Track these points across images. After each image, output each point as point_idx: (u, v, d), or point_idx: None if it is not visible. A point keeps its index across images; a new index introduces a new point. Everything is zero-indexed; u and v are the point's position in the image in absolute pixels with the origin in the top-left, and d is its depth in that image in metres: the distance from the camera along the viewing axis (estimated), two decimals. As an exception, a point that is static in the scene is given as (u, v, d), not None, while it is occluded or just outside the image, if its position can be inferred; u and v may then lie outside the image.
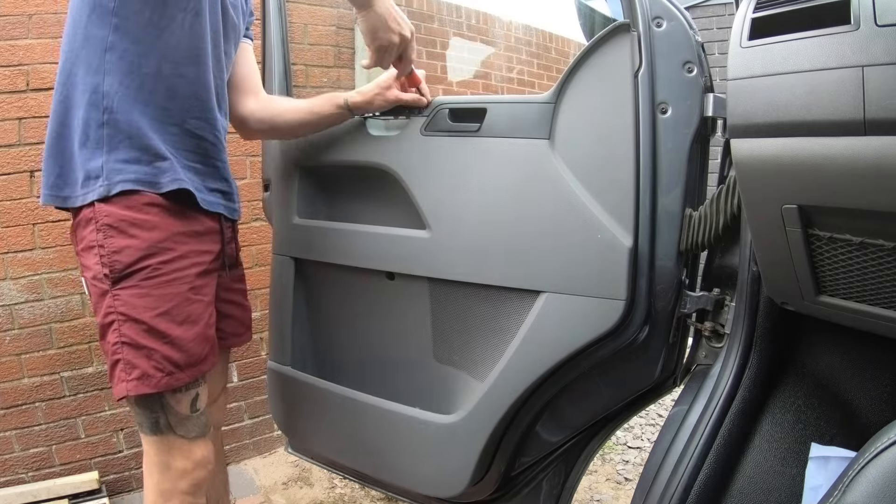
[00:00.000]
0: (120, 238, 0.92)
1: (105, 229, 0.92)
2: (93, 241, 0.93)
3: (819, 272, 0.76)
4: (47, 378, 1.69)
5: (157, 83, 0.94)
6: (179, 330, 0.95)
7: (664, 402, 2.09)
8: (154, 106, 0.95)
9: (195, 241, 1.01)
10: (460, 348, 1.16)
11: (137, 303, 0.93)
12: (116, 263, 0.92)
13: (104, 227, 0.92)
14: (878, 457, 0.53)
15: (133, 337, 0.93)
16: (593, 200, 0.97)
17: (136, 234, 0.93)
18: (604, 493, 1.85)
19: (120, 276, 0.92)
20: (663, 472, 0.93)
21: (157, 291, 0.93)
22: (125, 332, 0.93)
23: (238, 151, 1.88)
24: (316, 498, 1.86)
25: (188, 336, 0.96)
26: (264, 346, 2.02)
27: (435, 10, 3.08)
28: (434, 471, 1.17)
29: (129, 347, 0.93)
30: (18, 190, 1.61)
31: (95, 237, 0.93)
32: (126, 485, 1.84)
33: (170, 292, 0.95)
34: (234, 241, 1.16)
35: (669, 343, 1.02)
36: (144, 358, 0.93)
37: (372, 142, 1.19)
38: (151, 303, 0.93)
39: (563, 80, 1.00)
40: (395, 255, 1.18)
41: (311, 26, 2.04)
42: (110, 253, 0.92)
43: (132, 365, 0.93)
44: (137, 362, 0.93)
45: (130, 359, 0.93)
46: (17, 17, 1.55)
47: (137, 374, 0.93)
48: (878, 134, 0.61)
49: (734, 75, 0.73)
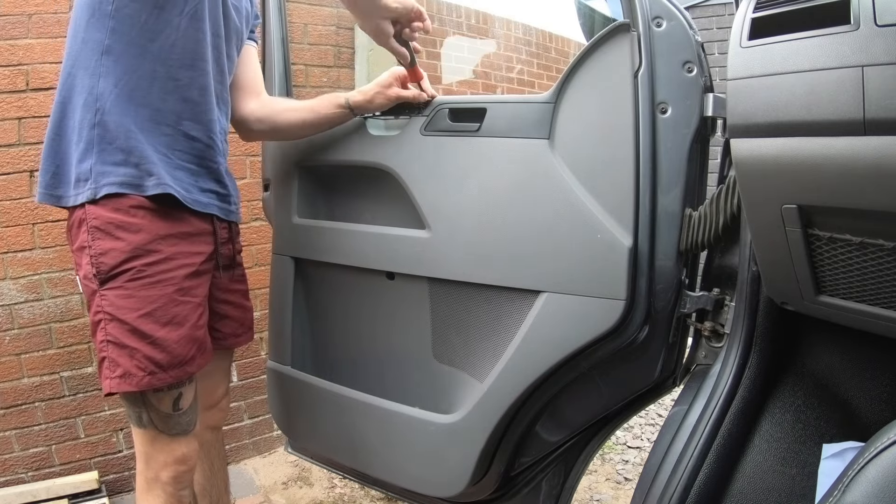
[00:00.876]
0: (106, 240, 0.95)
1: (93, 231, 0.95)
2: (84, 241, 0.96)
3: (819, 272, 0.76)
4: (47, 378, 1.69)
5: (152, 85, 0.96)
6: (163, 331, 0.97)
7: (664, 402, 2.09)
8: (148, 108, 0.96)
9: (184, 243, 1.02)
10: (460, 348, 1.16)
11: (122, 303, 0.95)
12: (102, 265, 0.95)
13: (92, 229, 0.95)
14: (878, 456, 0.53)
15: (118, 336, 0.95)
16: (593, 200, 0.97)
17: (122, 236, 0.95)
18: (603, 492, 1.85)
19: (106, 277, 0.95)
20: (663, 472, 0.93)
21: (141, 293, 0.96)
22: (110, 331, 0.95)
23: (238, 151, 1.88)
24: (316, 498, 1.86)
25: (172, 337, 0.98)
26: (264, 345, 2.02)
27: (435, 10, 3.08)
28: (434, 471, 1.17)
29: (114, 346, 0.95)
30: (18, 190, 1.61)
31: (86, 238, 0.95)
32: (126, 485, 1.84)
33: (154, 294, 0.96)
34: (232, 243, 1.17)
35: (669, 343, 1.02)
36: (127, 357, 0.95)
37: (372, 141, 1.19)
38: (135, 304, 0.95)
39: (563, 79, 1.00)
40: (395, 255, 1.18)
41: (311, 26, 2.04)
42: (97, 254, 0.95)
43: (116, 363, 0.96)
44: (121, 361, 0.95)
45: (115, 357, 0.95)
46: (16, 17, 1.55)
47: (120, 372, 0.95)
48: (877, 134, 0.61)
49: (734, 75, 0.73)
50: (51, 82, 1.59)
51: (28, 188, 1.61)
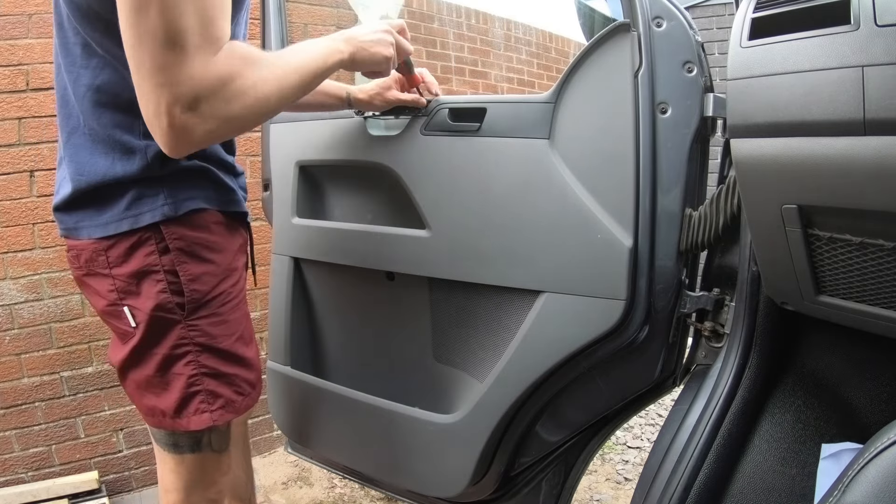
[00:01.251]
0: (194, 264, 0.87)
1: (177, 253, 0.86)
2: (151, 264, 0.86)
3: (819, 272, 0.76)
4: (47, 378, 1.69)
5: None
6: (251, 350, 0.95)
7: (664, 402, 2.09)
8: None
9: (241, 255, 0.98)
10: (460, 348, 1.16)
11: (217, 331, 0.89)
12: (195, 293, 0.87)
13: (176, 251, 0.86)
14: (879, 456, 0.53)
15: (214, 366, 0.89)
16: (593, 200, 0.97)
17: (211, 258, 0.89)
18: (603, 492, 1.85)
19: (199, 304, 0.87)
20: (663, 472, 0.93)
21: (233, 316, 0.91)
22: (204, 362, 0.88)
23: (238, 151, 1.87)
24: (316, 498, 1.86)
25: (254, 354, 0.96)
26: (264, 345, 2.02)
27: (435, 10, 3.08)
28: (434, 471, 1.17)
29: (210, 378, 0.89)
30: (18, 190, 1.61)
31: (155, 260, 0.86)
32: (126, 485, 1.84)
33: (240, 315, 0.93)
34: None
35: (669, 343, 1.02)
36: (226, 385, 0.90)
37: (372, 141, 1.19)
38: (229, 329, 0.90)
39: (563, 79, 1.00)
40: (395, 254, 1.18)
41: (311, 26, 2.04)
42: (188, 281, 0.86)
43: (215, 395, 0.89)
44: (220, 391, 0.90)
45: (213, 388, 0.89)
46: (16, 17, 1.55)
47: (221, 402, 0.90)
48: (877, 134, 0.61)
49: (734, 75, 0.73)
50: (51, 82, 1.58)
51: (28, 188, 1.61)
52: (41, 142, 1.61)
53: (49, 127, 1.60)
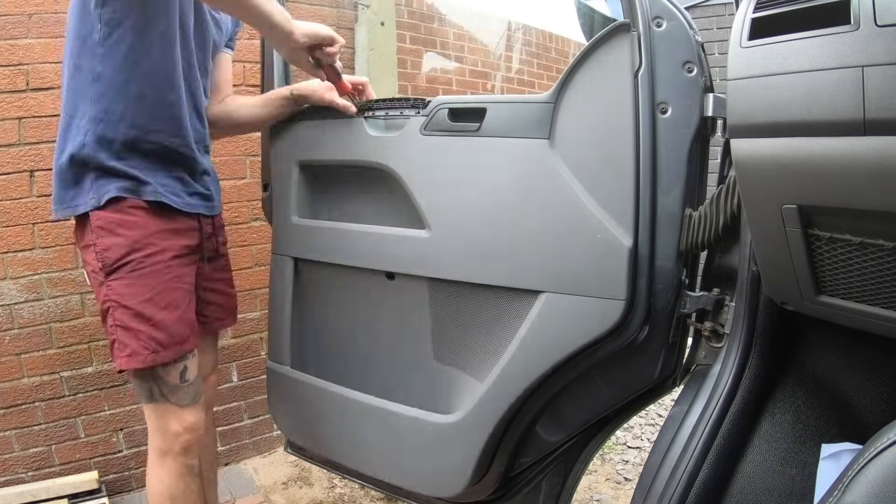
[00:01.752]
0: (109, 237, 1.08)
1: (97, 230, 1.08)
2: (89, 240, 1.09)
3: (819, 272, 0.76)
4: (47, 378, 1.69)
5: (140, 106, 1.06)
6: (162, 314, 1.09)
7: (664, 402, 2.09)
8: (138, 128, 1.07)
9: (175, 237, 1.14)
10: (460, 348, 1.16)
11: (126, 291, 1.08)
12: (107, 259, 1.08)
13: (96, 229, 1.08)
14: (878, 456, 0.53)
15: (124, 320, 1.08)
16: (593, 200, 0.97)
17: (122, 232, 1.08)
18: (603, 492, 1.85)
19: (111, 269, 1.08)
20: (663, 472, 0.93)
21: (141, 281, 1.09)
22: (118, 316, 1.08)
23: (238, 151, 1.88)
24: (316, 498, 1.86)
25: (170, 319, 1.10)
26: (264, 345, 2.02)
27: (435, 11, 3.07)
28: (434, 471, 1.17)
29: (122, 329, 1.08)
30: (18, 189, 1.61)
31: (91, 237, 1.09)
32: (126, 484, 1.84)
33: (152, 282, 1.09)
34: (215, 235, 1.27)
35: (669, 343, 1.02)
36: (133, 338, 1.08)
37: (371, 141, 1.19)
38: (137, 291, 1.08)
39: (563, 79, 1.00)
40: (395, 255, 1.18)
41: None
42: (102, 250, 1.08)
43: (124, 344, 1.08)
44: (128, 342, 1.08)
45: (123, 339, 1.08)
46: (16, 17, 1.55)
47: (128, 351, 1.08)
48: (877, 134, 0.61)
49: (734, 75, 0.73)
50: (51, 82, 1.59)
51: (28, 188, 1.61)
52: (41, 142, 1.60)
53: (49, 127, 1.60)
